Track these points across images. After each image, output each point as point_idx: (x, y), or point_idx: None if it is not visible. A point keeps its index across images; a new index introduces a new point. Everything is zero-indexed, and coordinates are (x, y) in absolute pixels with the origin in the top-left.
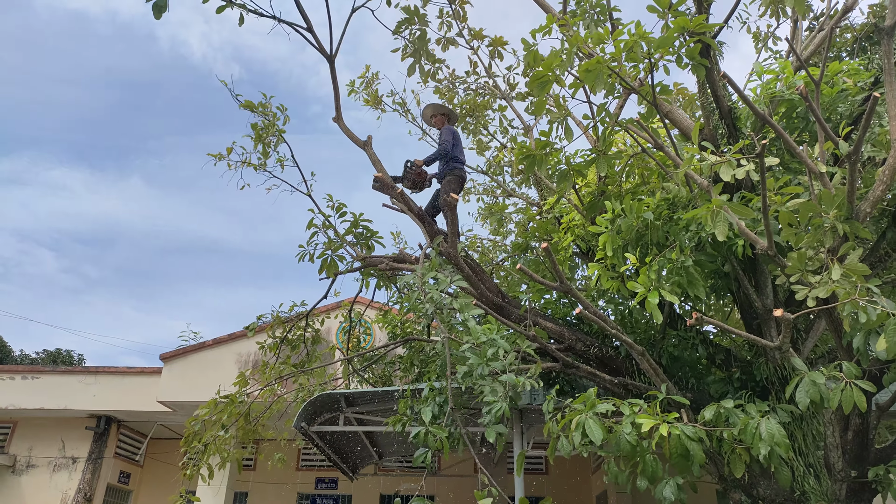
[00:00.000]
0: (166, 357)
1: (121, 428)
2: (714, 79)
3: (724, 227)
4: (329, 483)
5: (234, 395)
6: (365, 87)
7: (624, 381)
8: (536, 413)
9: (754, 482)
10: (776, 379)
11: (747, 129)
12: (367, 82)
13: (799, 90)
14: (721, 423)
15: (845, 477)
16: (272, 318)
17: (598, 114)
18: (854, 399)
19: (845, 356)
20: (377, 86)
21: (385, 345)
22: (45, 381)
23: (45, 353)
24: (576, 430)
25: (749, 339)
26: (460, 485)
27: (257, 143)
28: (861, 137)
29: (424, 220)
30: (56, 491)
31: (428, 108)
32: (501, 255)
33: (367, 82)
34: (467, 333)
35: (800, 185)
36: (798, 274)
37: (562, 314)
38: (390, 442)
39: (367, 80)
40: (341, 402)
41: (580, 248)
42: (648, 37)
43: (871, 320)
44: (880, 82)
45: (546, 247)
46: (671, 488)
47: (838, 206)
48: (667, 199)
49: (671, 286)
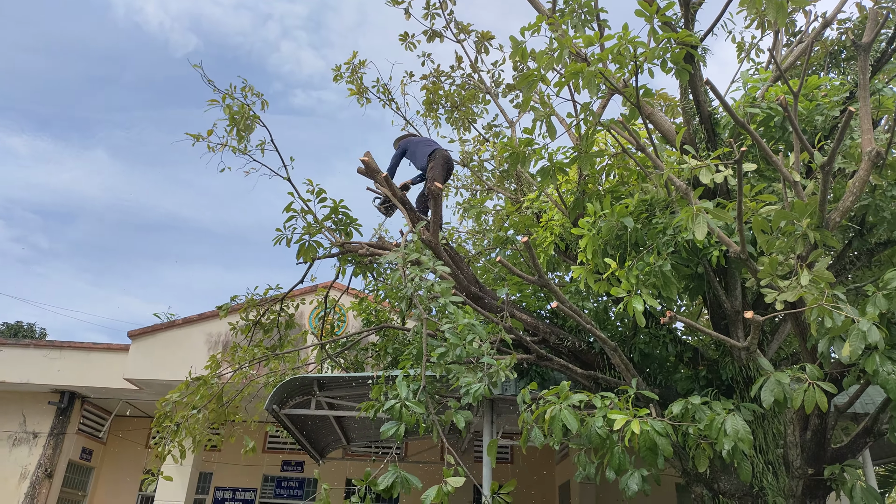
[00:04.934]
0: (134, 334)
1: (84, 404)
2: (696, 84)
3: (704, 229)
4: (295, 466)
5: (207, 377)
6: (350, 74)
7: (595, 374)
8: (506, 403)
9: (715, 477)
10: (741, 378)
11: (725, 136)
12: (352, 69)
13: (779, 101)
14: (688, 418)
15: (802, 474)
16: (246, 300)
17: (581, 112)
18: (816, 399)
19: (808, 359)
20: (363, 73)
21: (360, 331)
22: (8, 353)
23: (6, 326)
24: (551, 421)
25: (719, 339)
26: (427, 472)
27: (232, 126)
28: (835, 149)
29: (407, 205)
30: (15, 465)
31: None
32: (479, 247)
33: (353, 69)
34: (445, 318)
35: (773, 192)
36: (769, 278)
37: (536, 308)
38: (359, 427)
39: (353, 66)
40: (314, 386)
41: (558, 247)
42: (635, 41)
43: (836, 326)
44: (854, 97)
45: (526, 241)
46: (636, 480)
47: (810, 215)
48: (644, 201)
49: (648, 288)
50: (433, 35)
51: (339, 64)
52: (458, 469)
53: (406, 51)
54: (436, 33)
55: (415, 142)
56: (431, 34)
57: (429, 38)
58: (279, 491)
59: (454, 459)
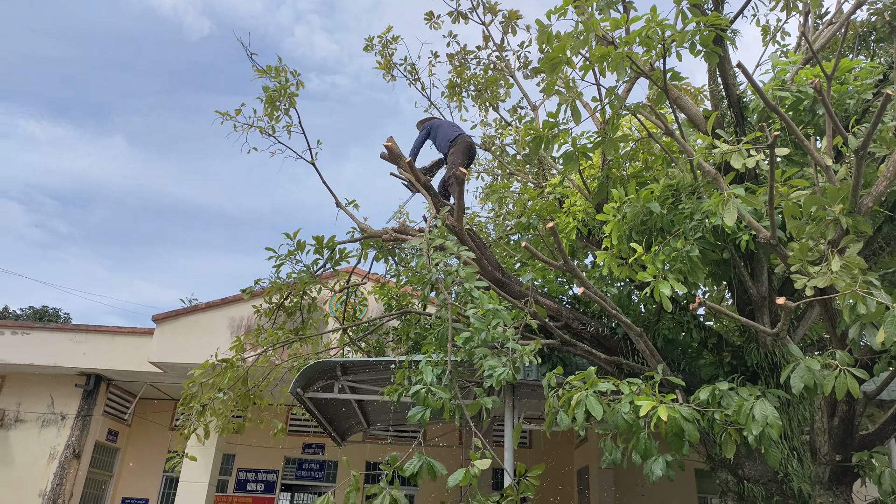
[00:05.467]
0: (159, 318)
1: (110, 387)
2: (725, 67)
3: (734, 214)
4: (316, 448)
5: (233, 359)
6: (382, 48)
7: (618, 360)
8: (528, 388)
9: (740, 463)
10: (766, 364)
11: (754, 119)
12: (385, 42)
13: (813, 83)
14: (714, 404)
15: (830, 461)
16: (270, 284)
17: (606, 96)
18: (847, 386)
19: (837, 345)
20: (394, 49)
21: (382, 315)
22: (35, 336)
23: (31, 311)
24: (577, 407)
25: (748, 325)
26: (445, 455)
27: (269, 106)
28: (871, 133)
29: (431, 191)
30: (44, 446)
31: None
32: (501, 232)
33: (386, 43)
34: (469, 303)
35: (803, 177)
36: (799, 264)
37: (558, 293)
38: (380, 411)
39: (385, 40)
40: (337, 370)
41: (581, 232)
42: (664, 23)
43: (869, 312)
44: (887, 79)
45: (552, 226)
46: (660, 465)
47: (842, 200)
48: (670, 186)
49: (674, 273)
50: (458, 16)
51: (371, 35)
52: (484, 452)
53: (429, 31)
54: (461, 14)
55: (437, 125)
56: (457, 15)
57: (454, 20)
58: (300, 473)
59: (481, 443)
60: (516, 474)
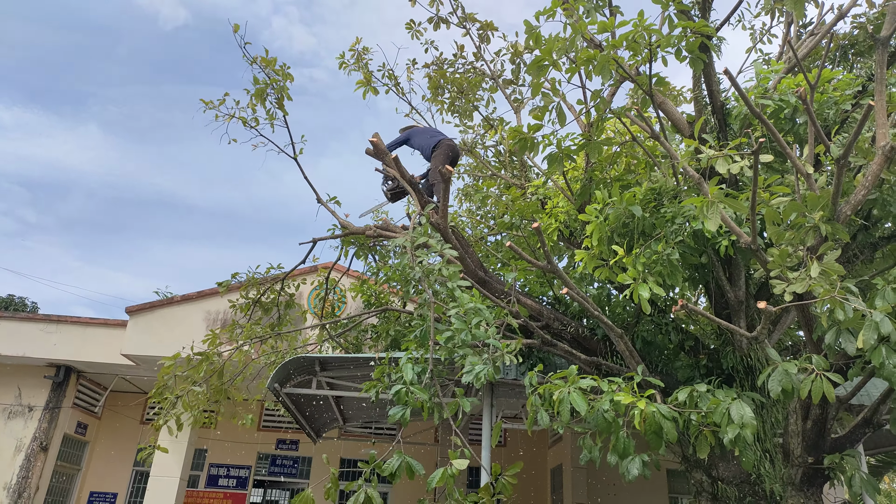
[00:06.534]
0: (132, 310)
1: (80, 378)
2: (710, 74)
3: (717, 219)
4: (290, 444)
5: (208, 352)
6: (356, 62)
7: (597, 360)
8: (506, 387)
9: (714, 464)
10: (741, 367)
11: (736, 126)
12: (357, 55)
13: (798, 92)
14: (691, 405)
15: (802, 463)
16: (247, 279)
17: (592, 99)
18: (823, 389)
19: (813, 349)
20: (369, 60)
21: (361, 312)
22: (4, 326)
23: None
24: (559, 404)
25: (728, 328)
26: (420, 453)
27: (256, 98)
28: (851, 142)
29: (416, 187)
30: (11, 438)
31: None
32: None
33: (358, 55)
34: (452, 303)
35: (783, 184)
36: (778, 269)
37: (539, 293)
38: (357, 407)
39: (357, 52)
40: (315, 366)
41: (562, 233)
42: (650, 28)
43: (847, 318)
44: (865, 91)
45: (537, 227)
46: (636, 464)
47: (822, 208)
48: (653, 189)
49: (654, 276)
50: (439, 22)
51: (343, 52)
52: (463, 451)
53: (404, 31)
54: (441, 19)
55: (418, 131)
56: (437, 21)
57: (434, 26)
58: (273, 469)
59: (460, 441)
60: (493, 475)
